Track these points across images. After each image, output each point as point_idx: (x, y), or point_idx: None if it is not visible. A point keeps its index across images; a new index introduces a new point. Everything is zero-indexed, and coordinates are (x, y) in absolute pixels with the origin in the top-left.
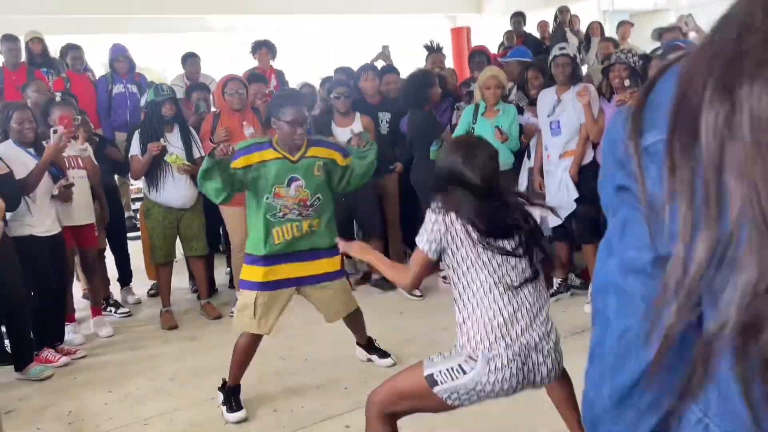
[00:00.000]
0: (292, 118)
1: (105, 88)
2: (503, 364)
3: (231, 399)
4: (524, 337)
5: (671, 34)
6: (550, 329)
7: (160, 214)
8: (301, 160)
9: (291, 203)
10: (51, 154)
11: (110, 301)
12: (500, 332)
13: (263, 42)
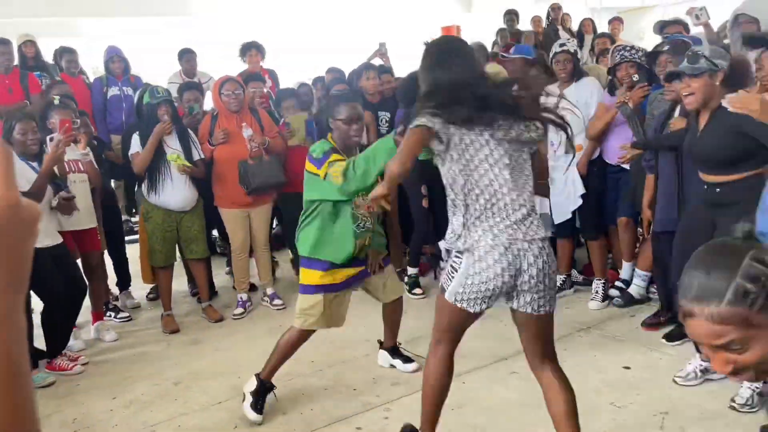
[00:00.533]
0: (347, 115)
1: (100, 91)
2: (486, 251)
3: (260, 398)
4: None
5: (673, 28)
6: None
7: (160, 217)
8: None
9: (365, 211)
10: (50, 163)
11: (110, 305)
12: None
13: (251, 44)
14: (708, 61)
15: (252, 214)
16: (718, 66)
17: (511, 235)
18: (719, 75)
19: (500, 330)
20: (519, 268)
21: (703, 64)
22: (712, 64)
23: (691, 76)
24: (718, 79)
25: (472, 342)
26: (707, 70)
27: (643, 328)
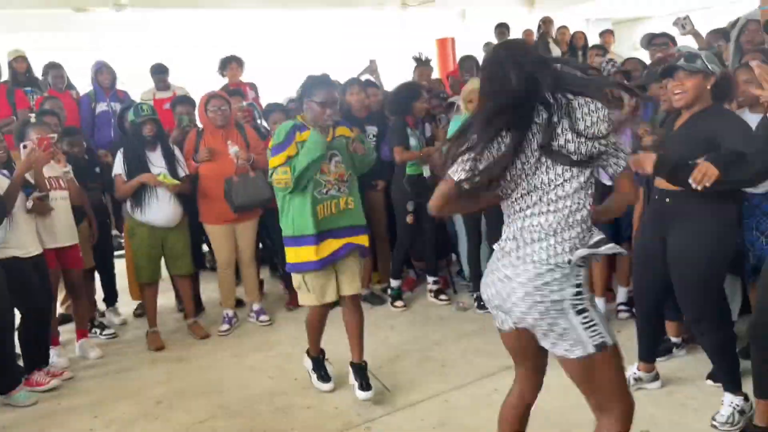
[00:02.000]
0: (322, 99)
1: (88, 107)
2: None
3: (320, 369)
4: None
5: (660, 40)
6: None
7: (145, 234)
8: (334, 139)
9: (333, 179)
10: (24, 167)
11: (95, 322)
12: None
13: (231, 57)
14: (704, 63)
15: (238, 230)
16: (712, 70)
17: None
18: (711, 79)
19: (484, 346)
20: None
21: (700, 64)
22: (707, 67)
23: (687, 74)
24: (710, 83)
25: (456, 359)
26: (702, 71)
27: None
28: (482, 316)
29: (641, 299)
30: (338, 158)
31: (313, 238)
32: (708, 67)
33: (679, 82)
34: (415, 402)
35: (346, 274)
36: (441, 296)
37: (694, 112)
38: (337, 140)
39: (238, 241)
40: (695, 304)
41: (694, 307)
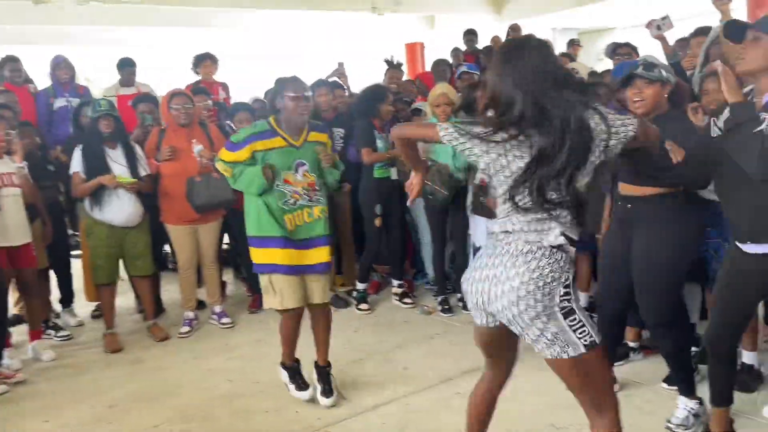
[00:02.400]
0: (294, 93)
1: (46, 102)
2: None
3: (296, 377)
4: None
5: (624, 50)
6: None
7: (103, 233)
8: (304, 144)
9: (300, 189)
10: None
11: (50, 323)
12: None
13: (206, 55)
14: (661, 72)
15: (200, 231)
16: (668, 79)
17: None
18: (668, 87)
19: (447, 349)
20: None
21: (656, 73)
22: (662, 75)
23: (646, 82)
24: (666, 91)
25: (419, 362)
26: (660, 80)
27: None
28: (446, 319)
29: (605, 304)
30: (305, 167)
31: (281, 240)
32: (664, 76)
33: (638, 90)
34: (376, 405)
35: (316, 284)
36: (405, 299)
37: (650, 118)
38: (306, 146)
39: (200, 242)
40: (655, 308)
41: (654, 311)
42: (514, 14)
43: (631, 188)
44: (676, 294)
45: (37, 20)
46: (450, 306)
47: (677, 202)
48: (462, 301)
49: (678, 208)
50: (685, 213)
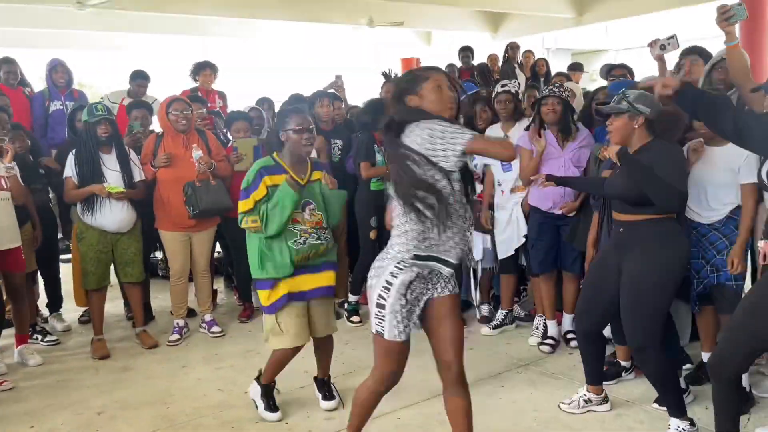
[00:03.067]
0: (297, 124)
1: (41, 105)
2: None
3: (269, 396)
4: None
5: (618, 72)
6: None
7: (95, 238)
8: (309, 183)
9: (309, 227)
10: None
11: (37, 328)
12: None
13: (206, 63)
14: (629, 105)
15: (194, 239)
16: (639, 110)
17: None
18: (639, 119)
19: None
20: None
21: (624, 106)
22: (633, 107)
23: (614, 115)
24: (638, 122)
25: (410, 377)
26: (626, 112)
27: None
28: None
29: (582, 319)
30: (312, 206)
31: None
32: (635, 108)
33: (610, 122)
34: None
35: (321, 315)
36: None
37: (634, 149)
38: (311, 186)
39: (193, 249)
40: (640, 330)
41: (639, 333)
42: (510, 33)
43: (621, 216)
44: (661, 317)
45: (36, 23)
46: None
47: (666, 227)
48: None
49: (667, 232)
50: (674, 237)
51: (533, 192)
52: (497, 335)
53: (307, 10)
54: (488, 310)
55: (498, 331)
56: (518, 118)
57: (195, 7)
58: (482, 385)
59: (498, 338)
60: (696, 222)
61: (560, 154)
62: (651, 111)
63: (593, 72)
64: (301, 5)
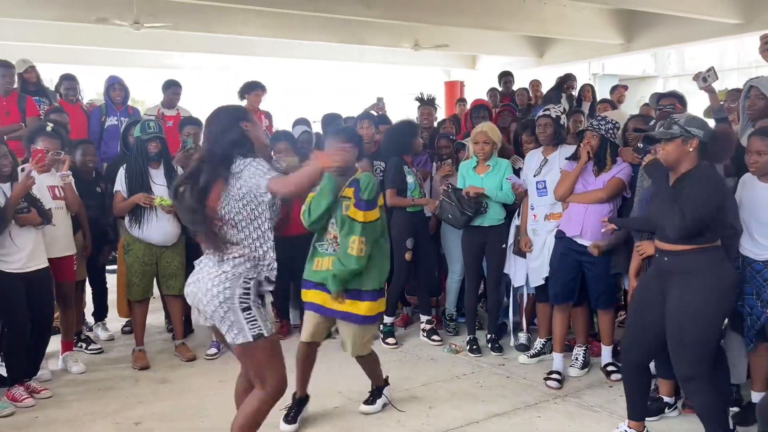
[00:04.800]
0: (341, 140)
1: (98, 119)
2: None
3: (293, 409)
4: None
5: (667, 100)
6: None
7: (141, 250)
8: (339, 198)
9: (330, 238)
10: (19, 192)
11: (82, 336)
12: None
13: (256, 83)
14: (681, 128)
15: None
16: (691, 133)
17: None
18: (693, 142)
19: (474, 390)
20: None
21: (676, 130)
22: (685, 131)
23: (665, 141)
24: (692, 145)
25: (444, 402)
26: (679, 136)
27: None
28: (474, 359)
29: (630, 350)
30: (332, 220)
31: (305, 282)
32: (687, 131)
33: (661, 147)
34: None
35: (346, 332)
36: (433, 336)
37: (681, 173)
38: (340, 199)
39: None
40: (689, 362)
41: (688, 365)
42: (556, 59)
43: (665, 245)
44: (709, 346)
45: (92, 42)
46: (479, 346)
47: (712, 257)
48: (491, 342)
49: (713, 262)
50: (720, 267)
51: (563, 216)
52: (535, 364)
53: (353, 32)
54: (526, 338)
55: (536, 360)
56: (559, 143)
57: (244, 28)
58: (518, 414)
59: (535, 367)
60: (750, 258)
61: (593, 181)
62: (704, 133)
63: (641, 98)
64: (348, 27)
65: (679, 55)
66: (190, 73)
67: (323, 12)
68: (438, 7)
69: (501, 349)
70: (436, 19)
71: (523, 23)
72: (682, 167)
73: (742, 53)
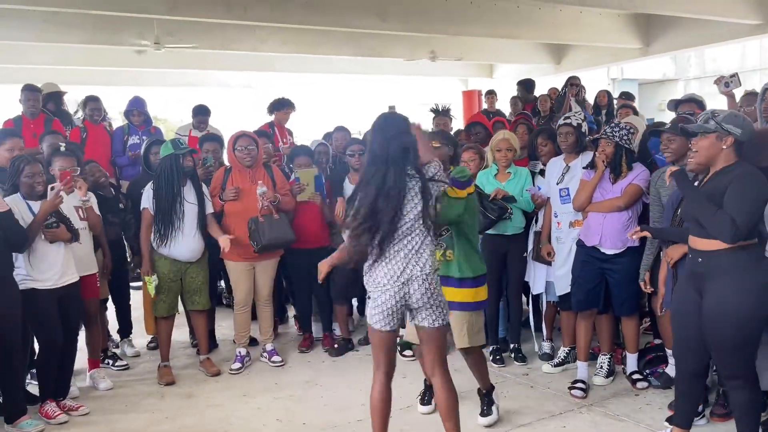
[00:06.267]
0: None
1: (121, 139)
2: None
3: (425, 392)
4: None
5: (686, 106)
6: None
7: (166, 267)
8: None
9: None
10: (47, 210)
11: (108, 353)
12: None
13: (287, 101)
14: (717, 125)
15: (257, 268)
16: (728, 130)
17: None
18: (728, 139)
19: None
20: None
21: (711, 125)
22: (721, 127)
23: (700, 135)
24: (726, 142)
25: (469, 413)
26: (714, 131)
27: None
28: (498, 369)
29: (683, 360)
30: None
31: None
32: (723, 128)
33: (694, 143)
34: None
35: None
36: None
37: (717, 169)
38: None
39: (256, 279)
40: (730, 364)
41: (730, 366)
42: (574, 65)
43: (702, 242)
44: (753, 347)
45: (114, 63)
46: (502, 357)
47: (749, 256)
48: (514, 352)
49: (750, 261)
50: (758, 266)
51: (582, 225)
52: (559, 373)
53: (370, 45)
54: (550, 346)
55: (560, 369)
56: (581, 151)
57: (263, 45)
58: (543, 424)
59: (560, 376)
60: None
61: (611, 189)
62: (742, 132)
63: (662, 102)
64: (365, 41)
65: (700, 58)
66: (215, 90)
67: (340, 27)
68: (453, 18)
69: (525, 358)
70: (451, 30)
71: (539, 30)
72: (717, 164)
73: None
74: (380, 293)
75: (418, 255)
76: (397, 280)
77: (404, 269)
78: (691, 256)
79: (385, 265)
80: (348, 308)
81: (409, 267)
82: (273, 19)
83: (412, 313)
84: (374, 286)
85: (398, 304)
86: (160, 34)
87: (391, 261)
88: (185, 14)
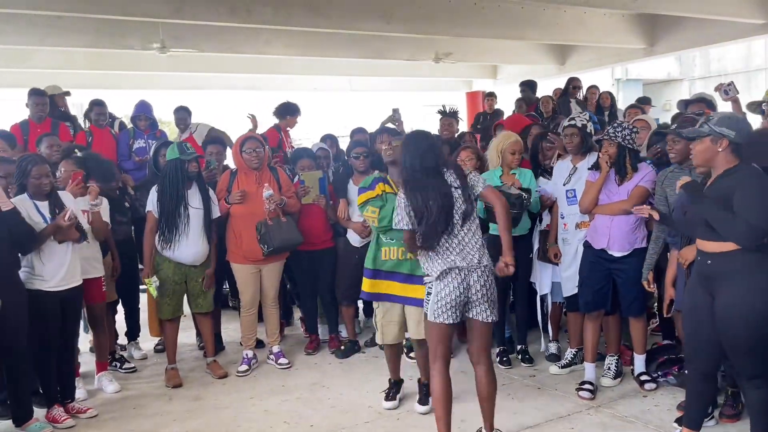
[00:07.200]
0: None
1: (126, 142)
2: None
3: (392, 389)
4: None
5: (696, 106)
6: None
7: (170, 270)
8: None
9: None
10: (53, 229)
11: (116, 356)
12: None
13: (296, 107)
14: (710, 128)
15: (263, 271)
16: (721, 133)
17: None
18: (723, 142)
19: (505, 403)
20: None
21: (705, 129)
22: (714, 131)
23: (694, 140)
24: (721, 145)
25: (475, 416)
26: (708, 135)
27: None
28: (505, 371)
29: (694, 361)
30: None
31: (370, 272)
32: (715, 131)
33: (693, 147)
34: None
35: (411, 323)
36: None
37: (718, 173)
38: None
39: (262, 281)
40: (749, 362)
41: (749, 365)
42: (578, 65)
43: (710, 245)
44: (766, 348)
45: (120, 67)
46: (509, 358)
47: (760, 256)
48: (521, 354)
49: (762, 261)
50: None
51: (589, 227)
52: (566, 374)
53: (373, 47)
54: (557, 347)
55: (567, 371)
56: (587, 151)
57: (268, 47)
58: (550, 426)
59: (567, 378)
60: None
61: (617, 190)
62: (737, 134)
63: (666, 102)
64: (369, 43)
65: (704, 57)
66: (220, 93)
67: (343, 29)
68: (457, 20)
69: (532, 360)
70: (455, 31)
71: (543, 31)
72: (717, 167)
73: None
74: (443, 286)
75: (474, 248)
76: (459, 272)
77: (466, 259)
78: (699, 259)
79: (445, 258)
80: (354, 310)
81: (467, 259)
82: (277, 21)
83: (469, 305)
84: (437, 281)
85: (462, 296)
86: (165, 38)
87: (451, 254)
88: (190, 18)
